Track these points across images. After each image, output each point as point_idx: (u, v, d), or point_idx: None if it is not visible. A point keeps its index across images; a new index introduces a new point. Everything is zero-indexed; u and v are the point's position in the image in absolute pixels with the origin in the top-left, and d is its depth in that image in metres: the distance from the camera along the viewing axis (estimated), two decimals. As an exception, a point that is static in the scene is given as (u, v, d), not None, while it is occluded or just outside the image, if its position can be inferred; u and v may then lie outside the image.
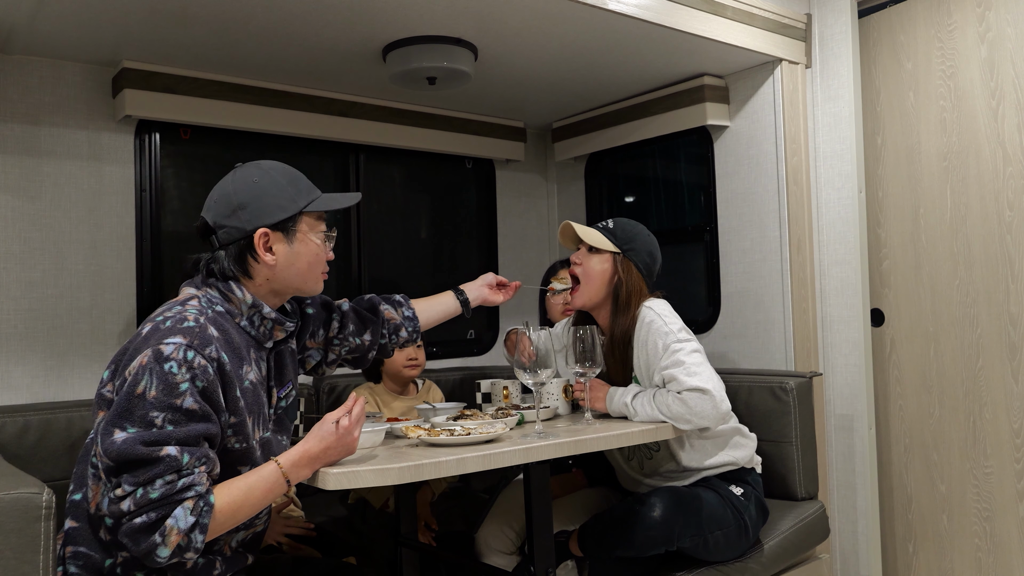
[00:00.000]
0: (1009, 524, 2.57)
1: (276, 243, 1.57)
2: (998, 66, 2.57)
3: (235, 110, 2.69)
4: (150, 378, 1.37)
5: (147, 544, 1.34)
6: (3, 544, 1.20)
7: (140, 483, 1.34)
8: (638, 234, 2.26)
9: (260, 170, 1.60)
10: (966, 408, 2.66)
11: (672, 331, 2.10)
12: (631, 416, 2.08)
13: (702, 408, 2.00)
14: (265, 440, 1.59)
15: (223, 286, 1.57)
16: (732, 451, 2.25)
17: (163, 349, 1.39)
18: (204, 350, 1.42)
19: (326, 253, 1.65)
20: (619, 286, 2.20)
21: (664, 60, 2.77)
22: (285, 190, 1.59)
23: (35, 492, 1.23)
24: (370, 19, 2.29)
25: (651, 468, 2.29)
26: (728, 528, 2.12)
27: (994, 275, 2.59)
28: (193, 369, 1.39)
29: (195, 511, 1.37)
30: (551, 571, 1.83)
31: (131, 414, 1.36)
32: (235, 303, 1.56)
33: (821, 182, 2.83)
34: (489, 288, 2.16)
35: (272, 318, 1.59)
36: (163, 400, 1.37)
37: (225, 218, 1.56)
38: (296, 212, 1.58)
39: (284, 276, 1.59)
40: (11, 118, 2.42)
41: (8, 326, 2.39)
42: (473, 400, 2.38)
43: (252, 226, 1.55)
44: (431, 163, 3.43)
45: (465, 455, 1.61)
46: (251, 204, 1.56)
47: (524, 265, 3.63)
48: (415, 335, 2.03)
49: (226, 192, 1.58)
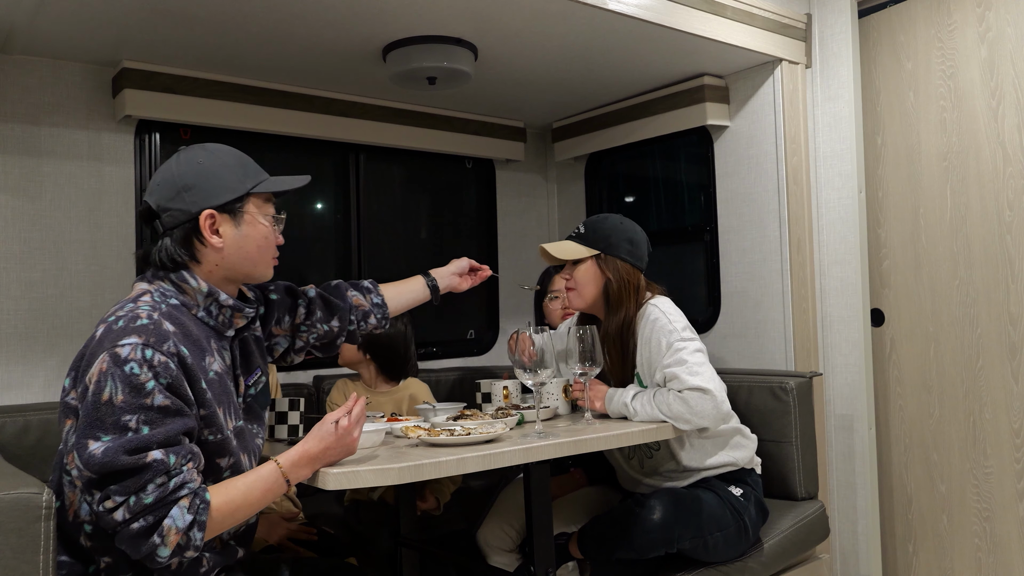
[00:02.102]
0: (1009, 524, 2.57)
1: (223, 225, 1.52)
2: (998, 66, 2.57)
3: (235, 110, 2.70)
4: (113, 383, 1.33)
5: (147, 547, 1.33)
6: (3, 544, 1.20)
7: (131, 491, 1.32)
8: (611, 228, 2.23)
9: (206, 152, 1.56)
10: (966, 408, 2.66)
11: (676, 329, 2.10)
12: (631, 416, 2.08)
13: (703, 408, 2.00)
14: (239, 429, 1.56)
15: (175, 277, 1.51)
16: (732, 451, 2.25)
17: (120, 352, 1.35)
18: (161, 347, 1.38)
19: (276, 237, 1.60)
20: (608, 284, 2.20)
21: (664, 60, 2.77)
22: (232, 171, 1.54)
23: (35, 492, 1.23)
24: (370, 19, 2.29)
25: (651, 467, 2.29)
26: (727, 529, 2.12)
27: (994, 275, 2.59)
28: (154, 367, 1.36)
29: (192, 509, 1.36)
30: (551, 571, 1.83)
31: (102, 422, 1.32)
32: (190, 294, 1.51)
33: (821, 182, 2.83)
34: (460, 276, 2.12)
35: (230, 305, 1.54)
36: (132, 402, 1.33)
37: (169, 201, 1.50)
38: (243, 193, 1.53)
39: (233, 260, 1.54)
40: (11, 118, 2.42)
41: (8, 326, 2.39)
42: (473, 400, 2.38)
43: (198, 208, 1.50)
44: (431, 163, 3.43)
45: (465, 455, 1.61)
46: (197, 185, 1.50)
47: (524, 265, 3.63)
48: (384, 322, 1.97)
49: (170, 174, 1.52)
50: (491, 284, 3.50)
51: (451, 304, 3.57)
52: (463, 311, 3.60)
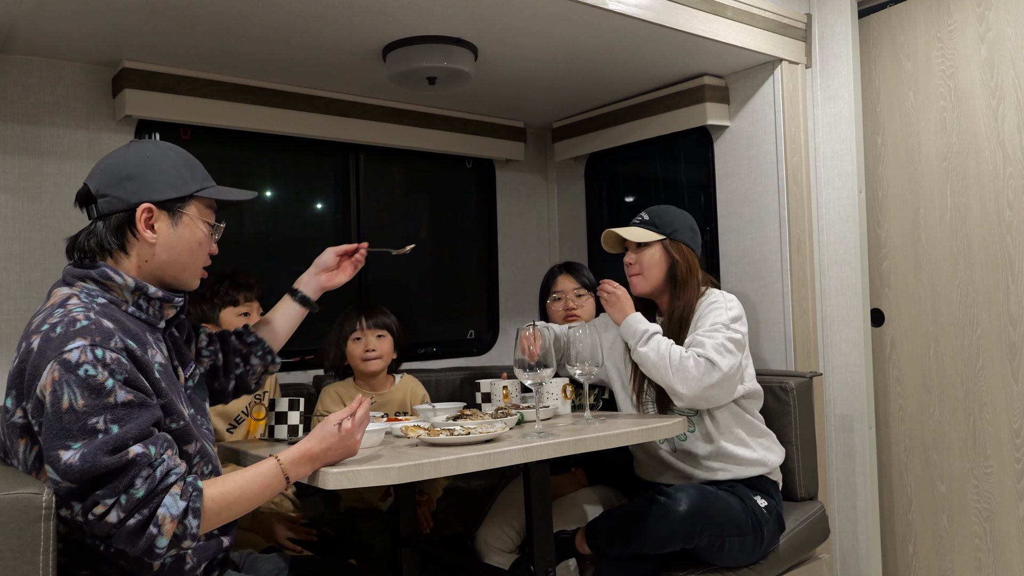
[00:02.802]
0: (1009, 524, 2.57)
1: (159, 222, 1.50)
2: (998, 66, 2.57)
3: (235, 110, 2.69)
4: (71, 389, 1.29)
5: (144, 539, 1.31)
6: (3, 544, 1.20)
7: (120, 491, 1.30)
8: (674, 215, 2.35)
9: (157, 147, 1.55)
10: (966, 408, 2.66)
11: (728, 316, 2.18)
12: (634, 341, 2.16)
13: (706, 378, 2.07)
14: (192, 416, 1.54)
15: (98, 274, 1.46)
16: (765, 451, 2.28)
17: (69, 357, 1.31)
18: (109, 343, 1.35)
19: (210, 245, 1.58)
20: (675, 266, 2.29)
21: (664, 60, 2.77)
22: (179, 170, 1.53)
23: (35, 492, 1.23)
24: (370, 19, 2.29)
25: (683, 451, 2.29)
26: (746, 536, 2.12)
27: (994, 275, 2.59)
28: (108, 365, 1.32)
29: (184, 495, 1.35)
30: (551, 571, 1.83)
31: (68, 431, 1.29)
32: (116, 291, 1.47)
33: (821, 182, 2.83)
34: (326, 273, 1.95)
35: (159, 297, 1.51)
36: (94, 404, 1.30)
37: (110, 187, 1.49)
38: (186, 194, 1.52)
39: (162, 259, 1.51)
40: (11, 118, 2.42)
41: (8, 326, 2.39)
42: (473, 400, 2.38)
43: (137, 199, 1.48)
44: (431, 163, 3.43)
45: (465, 455, 1.61)
46: (140, 176, 1.49)
47: (524, 265, 3.63)
48: (270, 357, 1.89)
49: (116, 161, 1.51)
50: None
51: (451, 304, 3.60)
52: (463, 311, 3.60)
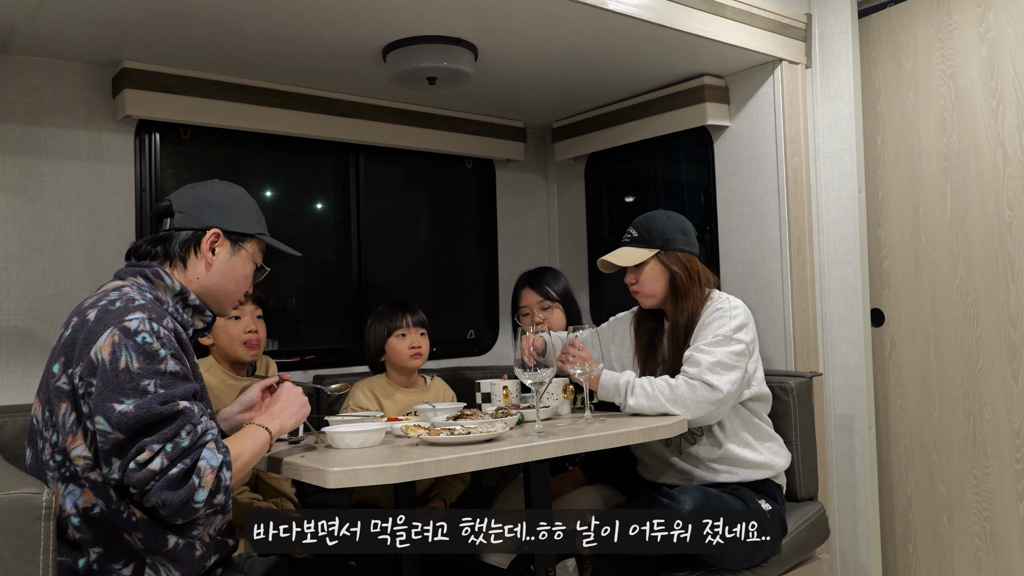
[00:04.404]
0: (1009, 524, 2.57)
1: (221, 248, 1.67)
2: (998, 66, 2.57)
3: (235, 110, 2.69)
4: (128, 352, 1.43)
5: (186, 489, 1.40)
6: (3, 544, 1.20)
7: (168, 438, 1.41)
8: (662, 223, 2.31)
9: (239, 190, 1.76)
10: (966, 408, 2.66)
11: (731, 326, 2.15)
12: (620, 399, 2.13)
13: (700, 397, 2.06)
14: (213, 415, 1.67)
15: (151, 273, 1.61)
16: (772, 455, 2.28)
17: (129, 325, 1.45)
18: (163, 321, 1.50)
19: (249, 284, 1.75)
20: (674, 277, 2.27)
21: (664, 60, 2.77)
22: (252, 213, 1.74)
23: (35, 492, 1.24)
24: (370, 19, 2.29)
25: (689, 451, 2.29)
26: (749, 539, 2.11)
27: (994, 275, 2.59)
28: (161, 338, 1.47)
29: (220, 450, 1.48)
30: (551, 570, 1.83)
31: (123, 389, 1.41)
32: (161, 290, 1.61)
33: (821, 182, 2.83)
34: (249, 413, 1.79)
35: (195, 305, 1.65)
36: (148, 368, 1.43)
37: (191, 208, 1.67)
38: (251, 232, 1.71)
39: (212, 281, 1.67)
40: (11, 118, 2.42)
41: (8, 326, 2.39)
42: (473, 400, 2.38)
43: (211, 223, 1.66)
44: (431, 163, 3.42)
45: (465, 454, 1.62)
46: (220, 207, 1.69)
47: (524, 265, 3.61)
48: None
49: (204, 190, 1.72)
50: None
51: (451, 304, 3.60)
52: (463, 311, 3.60)
